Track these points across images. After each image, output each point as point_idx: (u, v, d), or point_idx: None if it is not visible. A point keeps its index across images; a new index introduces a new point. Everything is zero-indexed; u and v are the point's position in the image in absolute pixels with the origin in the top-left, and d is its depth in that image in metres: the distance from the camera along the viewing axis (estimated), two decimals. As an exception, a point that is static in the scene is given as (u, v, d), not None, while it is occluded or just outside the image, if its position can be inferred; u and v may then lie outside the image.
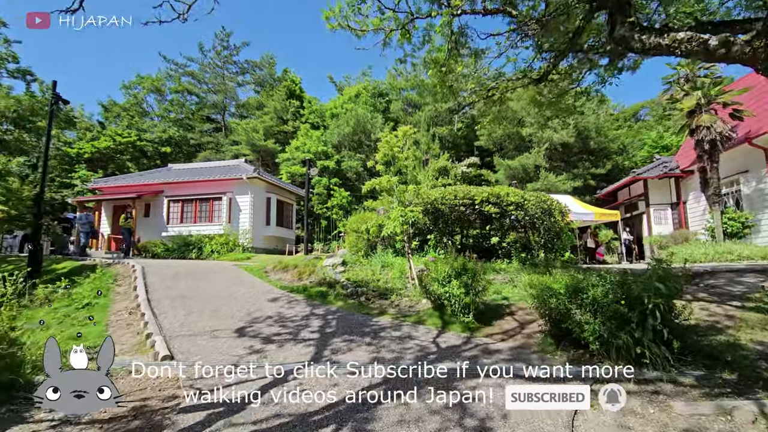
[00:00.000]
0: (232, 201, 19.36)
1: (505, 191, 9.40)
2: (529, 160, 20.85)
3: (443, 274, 5.98)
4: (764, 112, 12.74)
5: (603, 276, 4.63)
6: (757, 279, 6.85)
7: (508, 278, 8.18)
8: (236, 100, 34.87)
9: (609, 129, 23.53)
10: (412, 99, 27.43)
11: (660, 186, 17.87)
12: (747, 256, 11.10)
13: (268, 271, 10.23)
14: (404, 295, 7.48)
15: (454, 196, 9.45)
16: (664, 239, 16.61)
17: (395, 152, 8.09)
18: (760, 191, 13.17)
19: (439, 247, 9.88)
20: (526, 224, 9.31)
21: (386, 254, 10.04)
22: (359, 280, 8.30)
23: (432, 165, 17.17)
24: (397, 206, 7.95)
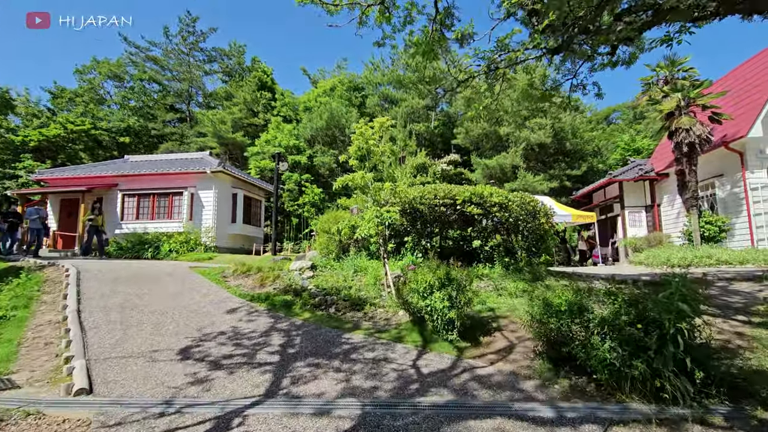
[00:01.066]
0: (194, 196, 18.01)
1: (488, 191, 8.77)
2: (507, 159, 20.53)
3: (424, 284, 5.23)
4: (741, 116, 12.73)
5: (612, 292, 3.99)
6: (752, 288, 6.49)
7: (492, 285, 7.55)
8: (203, 90, 33.00)
9: (584, 131, 23.58)
10: (389, 94, 26.66)
11: (635, 188, 17.88)
12: (725, 261, 10.98)
13: (228, 276, 9.20)
14: (379, 305, 6.70)
15: (434, 195, 8.74)
16: (639, 241, 16.59)
17: (370, 146, 7.28)
18: (735, 195, 13.20)
19: (417, 250, 9.16)
20: (510, 226, 8.72)
21: (360, 257, 9.24)
22: (329, 288, 7.45)
23: (410, 162, 16.45)
24: (372, 206, 7.15)
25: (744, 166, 12.72)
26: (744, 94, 13.28)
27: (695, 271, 9.53)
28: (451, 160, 19.96)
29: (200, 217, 17.87)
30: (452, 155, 20.43)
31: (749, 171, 12.65)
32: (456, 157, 20.43)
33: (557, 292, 4.40)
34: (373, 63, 27.75)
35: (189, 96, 32.37)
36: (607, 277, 8.10)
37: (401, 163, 15.36)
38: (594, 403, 3.53)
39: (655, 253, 13.31)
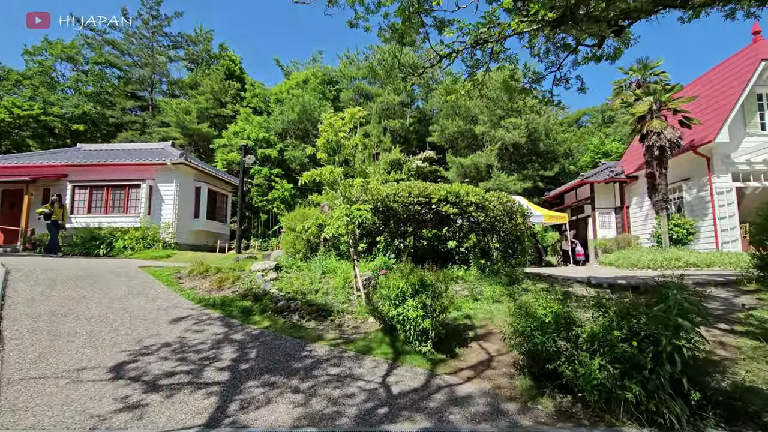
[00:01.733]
0: (153, 189, 16.86)
1: (465, 190, 8.40)
2: (482, 158, 20.40)
3: (396, 291, 4.75)
4: (708, 121, 12.97)
5: (602, 304, 3.62)
6: (728, 294, 6.40)
7: (468, 289, 7.17)
8: (167, 77, 31.21)
9: (556, 132, 23.81)
10: (364, 89, 26.05)
11: (605, 190, 18.12)
12: (693, 263, 11.11)
13: (183, 277, 8.41)
14: (347, 311, 6.17)
15: (408, 193, 8.28)
16: (609, 243, 16.81)
17: (340, 138, 6.72)
18: (701, 199, 13.46)
19: (389, 250, 8.69)
20: (486, 227, 8.39)
21: (329, 257, 8.68)
22: (294, 292, 6.86)
23: (383, 158, 15.90)
24: (341, 203, 6.60)
25: (711, 170, 12.97)
26: (712, 100, 13.56)
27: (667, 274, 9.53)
28: (426, 156, 19.55)
29: (159, 211, 16.76)
30: (427, 152, 20.01)
31: (715, 175, 12.92)
32: (431, 154, 20.02)
33: (541, 301, 4.01)
34: (348, 56, 27.05)
35: (152, 83, 30.53)
36: (584, 280, 7.90)
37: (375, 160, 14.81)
38: (583, 428, 3.15)
39: (625, 255, 13.41)
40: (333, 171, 6.50)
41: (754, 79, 12.55)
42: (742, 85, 12.58)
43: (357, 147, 7.24)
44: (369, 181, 6.76)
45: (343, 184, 6.75)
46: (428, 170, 19.44)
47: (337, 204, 6.77)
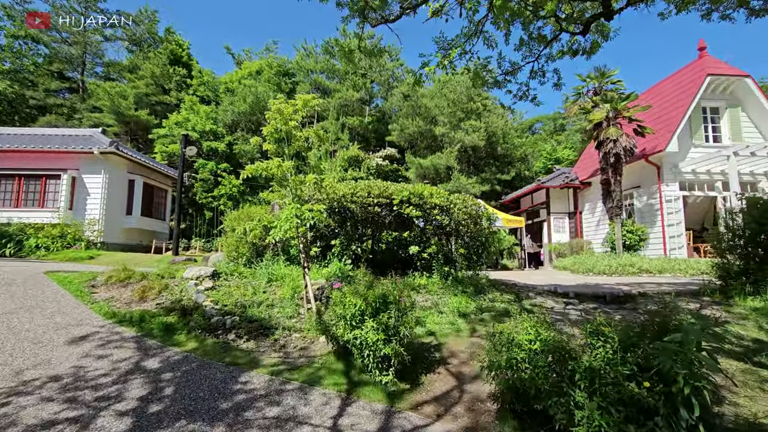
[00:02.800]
0: (76, 181, 14.86)
1: (429, 191, 7.78)
2: (441, 160, 20.10)
3: (353, 309, 3.95)
4: (659, 131, 13.34)
5: (600, 332, 3.04)
6: (694, 305, 6.21)
7: (431, 300, 6.52)
8: (101, 58, 28.19)
9: (513, 137, 24.11)
10: (322, 83, 24.95)
11: (560, 195, 18.40)
12: (646, 270, 11.27)
13: (98, 285, 7.09)
14: (295, 328, 5.28)
15: (367, 192, 7.52)
16: (563, 247, 17.03)
17: (291, 127, 5.82)
18: (651, 206, 13.85)
19: (345, 255, 7.88)
20: (451, 231, 7.81)
21: (277, 262, 7.72)
22: (232, 304, 5.86)
23: (341, 154, 14.96)
24: (291, 202, 5.70)
25: (660, 178, 13.35)
26: (662, 110, 14.02)
27: (625, 281, 9.50)
28: (386, 154, 18.81)
29: (84, 206, 14.79)
30: (388, 149, 19.31)
31: (665, 184, 13.31)
32: (392, 152, 19.34)
33: (525, 324, 3.39)
34: (305, 48, 25.81)
35: (83, 63, 27.43)
36: (549, 289, 7.53)
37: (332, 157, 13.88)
38: (583, 490, 2.53)
39: (580, 260, 13.49)
40: (281, 165, 5.58)
41: (701, 93, 13.07)
42: (690, 97, 13.06)
43: (310, 139, 6.37)
44: (324, 178, 5.91)
45: (294, 181, 5.86)
46: (389, 169, 18.72)
47: (286, 203, 5.86)
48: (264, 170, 5.57)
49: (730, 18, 5.58)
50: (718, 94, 13.80)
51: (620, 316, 5.85)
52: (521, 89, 5.73)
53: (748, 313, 5.56)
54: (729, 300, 6.19)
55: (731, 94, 13.82)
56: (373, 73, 23.80)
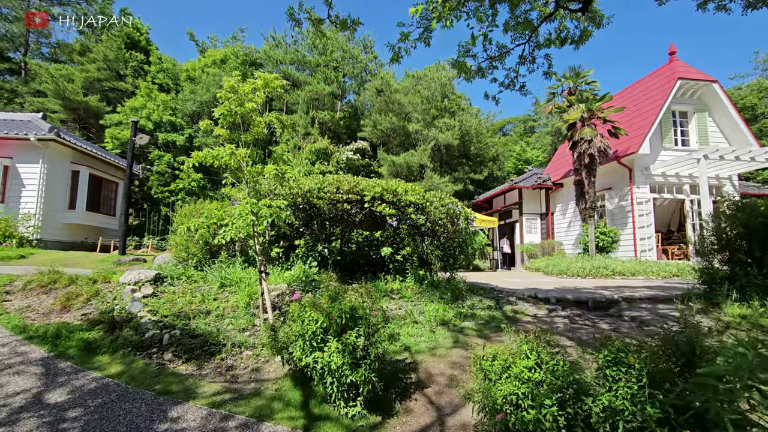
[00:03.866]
0: (9, 170, 13.28)
1: (403, 187, 7.14)
2: (415, 158, 19.59)
3: (313, 327, 3.24)
4: (631, 133, 13.34)
5: (620, 360, 2.49)
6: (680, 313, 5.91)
7: (405, 307, 5.90)
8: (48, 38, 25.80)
9: (486, 137, 23.96)
10: (291, 75, 23.84)
11: (533, 196, 18.30)
12: (619, 272, 11.14)
13: (14, 291, 6.01)
14: (247, 344, 4.51)
15: (336, 188, 6.80)
16: (534, 248, 16.91)
17: (248, 109, 5.03)
18: (622, 208, 13.85)
19: (311, 257, 7.14)
20: (426, 231, 7.22)
21: (233, 264, 6.87)
22: (173, 314, 5.01)
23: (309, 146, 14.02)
24: (247, 196, 4.92)
25: (632, 181, 13.35)
26: (634, 113, 14.06)
27: (601, 284, 9.26)
28: (358, 148, 17.92)
29: (18, 199, 13.24)
30: (360, 143, 18.42)
31: (636, 186, 13.32)
32: (364, 145, 18.46)
33: (524, 347, 2.80)
34: (274, 38, 24.58)
35: (26, 43, 24.99)
36: (529, 293, 7.09)
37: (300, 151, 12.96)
38: None
39: (554, 262, 13.30)
40: (234, 153, 4.78)
41: (671, 96, 13.15)
42: (662, 100, 13.12)
43: (275, 124, 5.60)
44: (286, 170, 5.14)
45: (250, 172, 5.07)
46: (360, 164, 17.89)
47: (241, 198, 5.07)
48: (214, 158, 4.75)
49: (726, 9, 5.27)
50: (687, 98, 13.99)
51: (607, 325, 5.45)
52: (509, 76, 5.18)
53: (738, 322, 5.27)
54: (714, 307, 5.92)
55: (699, 98, 14.04)
56: (346, 66, 22.95)
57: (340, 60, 22.38)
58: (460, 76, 5.20)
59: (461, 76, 5.20)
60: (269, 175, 4.99)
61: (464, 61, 5.13)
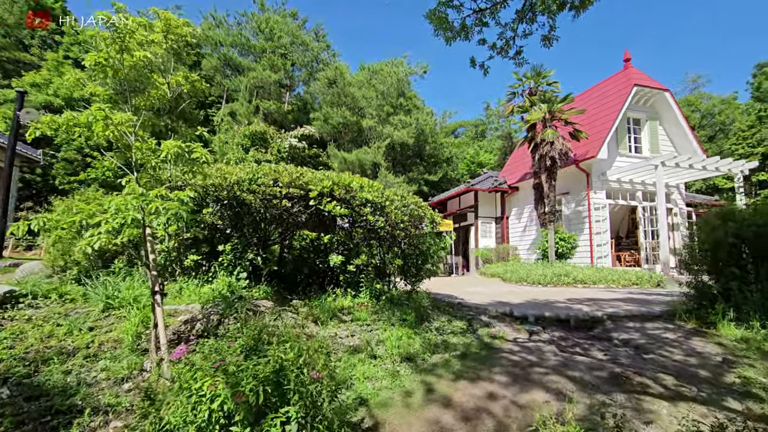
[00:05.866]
0: None
1: (359, 182, 5.86)
2: (368, 155, 18.36)
3: (205, 412, 1.85)
4: (590, 137, 13.08)
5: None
6: (673, 334, 5.19)
7: (359, 334, 4.60)
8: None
9: (440, 136, 23.35)
10: (233, 59, 21.60)
11: (488, 199, 17.81)
12: (581, 280, 10.66)
13: None
14: (119, 410, 2.97)
15: (273, 180, 5.36)
16: (490, 253, 16.35)
17: (139, 59, 3.50)
18: (579, 213, 13.58)
19: (240, 265, 5.62)
20: (386, 236, 5.98)
21: (130, 278, 5.20)
22: (13, 358, 3.34)
23: (242, 129, 12.09)
24: (133, 185, 3.38)
25: (589, 186, 13.09)
26: (592, 117, 13.87)
27: (569, 295, 8.60)
28: (304, 134, 15.97)
29: None
30: (307, 128, 16.54)
31: (593, 191, 13.07)
32: (312, 131, 16.59)
33: None
34: (215, 17, 22.17)
35: None
36: (504, 311, 6.09)
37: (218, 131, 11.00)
38: None
39: (512, 269, 12.68)
40: (110, 117, 3.24)
41: (628, 103, 13.06)
42: (619, 106, 12.99)
43: (182, 87, 4.11)
44: (195, 148, 3.64)
45: (140, 149, 3.53)
46: (307, 154, 16.06)
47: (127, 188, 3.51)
48: (73, 125, 3.17)
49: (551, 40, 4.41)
50: (641, 105, 14.07)
51: (602, 353, 4.53)
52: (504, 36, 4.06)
53: (743, 347, 4.58)
54: (709, 327, 5.25)
55: (652, 106, 14.17)
56: (295, 53, 21.16)
57: (288, 46, 20.58)
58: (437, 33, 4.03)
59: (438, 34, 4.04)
60: (170, 153, 3.47)
61: (444, 13, 3.92)
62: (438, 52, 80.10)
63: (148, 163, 3.81)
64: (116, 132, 3.41)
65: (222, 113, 18.23)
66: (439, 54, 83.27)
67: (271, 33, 21.33)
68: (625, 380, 3.70)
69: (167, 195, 3.29)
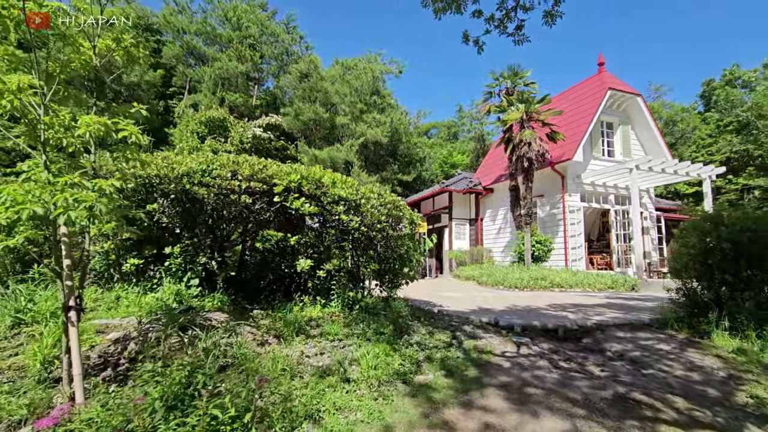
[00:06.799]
0: None
1: (330, 177, 5.23)
2: (341, 153, 17.67)
3: None
4: (567, 138, 12.98)
5: None
6: (666, 345, 4.87)
7: (329, 352, 3.97)
8: None
9: (414, 137, 22.98)
10: (197, 48, 20.32)
11: (463, 200, 17.53)
12: (558, 284, 10.44)
13: None
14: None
15: (231, 173, 4.64)
16: (464, 255, 16.05)
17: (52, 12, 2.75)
18: (553, 216, 13.46)
19: (192, 270, 4.86)
20: (361, 237, 5.37)
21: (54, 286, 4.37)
22: None
23: (198, 115, 11.02)
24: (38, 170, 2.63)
25: (564, 188, 12.98)
26: (571, 118, 13.80)
27: (547, 299, 8.29)
28: (270, 123, 14.83)
29: None
30: (273, 117, 15.45)
31: (568, 194, 12.97)
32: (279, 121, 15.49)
33: None
34: (177, 2, 20.79)
35: None
36: (488, 320, 5.62)
37: None
38: None
39: (488, 272, 12.37)
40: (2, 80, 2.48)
41: (602, 106, 13.07)
42: (594, 109, 12.97)
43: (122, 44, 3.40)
44: (124, 126, 2.90)
45: (51, 125, 2.78)
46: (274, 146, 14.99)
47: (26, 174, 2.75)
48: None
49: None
50: (614, 109, 14.16)
51: (598, 368, 4.11)
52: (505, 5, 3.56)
53: (743, 360, 4.29)
54: (702, 337, 4.97)
55: (624, 111, 14.30)
56: (264, 45, 20.16)
57: (257, 37, 19.56)
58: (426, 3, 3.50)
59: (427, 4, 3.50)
60: (90, 133, 2.72)
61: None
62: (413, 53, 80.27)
63: (68, 146, 3.04)
64: (16, 102, 2.63)
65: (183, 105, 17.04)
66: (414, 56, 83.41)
67: (238, 22, 20.23)
68: (633, 404, 3.27)
69: (82, 183, 2.55)
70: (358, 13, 72.76)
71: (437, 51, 77.72)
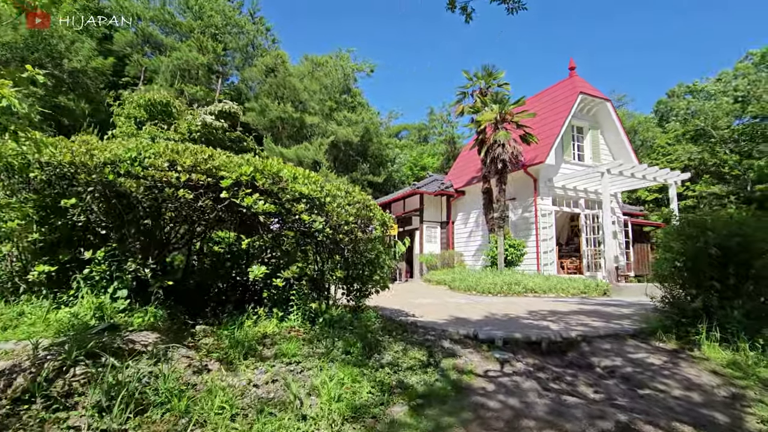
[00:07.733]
0: None
1: (290, 172, 4.54)
2: (309, 152, 16.87)
3: None
4: (540, 141, 12.84)
5: None
6: (656, 358, 4.52)
7: (285, 380, 3.29)
8: None
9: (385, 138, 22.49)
10: (154, 36, 18.91)
11: (434, 203, 17.17)
12: (531, 289, 10.17)
13: None
14: None
15: (168, 162, 3.87)
16: (435, 259, 15.65)
17: None
18: (525, 219, 13.29)
19: (118, 280, 4.03)
20: (326, 240, 4.71)
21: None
22: None
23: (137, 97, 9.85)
24: None
25: (537, 191, 12.83)
26: (543, 121, 13.70)
27: (525, 306, 7.93)
28: (223, 110, 13.50)
29: None
30: (227, 103, 14.22)
31: (540, 197, 12.83)
32: (234, 108, 14.27)
33: None
34: (133, -15, 19.29)
35: None
36: (467, 333, 5.10)
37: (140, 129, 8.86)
38: None
39: (460, 276, 11.99)
40: None
41: (574, 110, 13.04)
42: (565, 112, 12.92)
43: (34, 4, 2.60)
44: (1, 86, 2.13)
45: None
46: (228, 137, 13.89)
47: None
48: None
49: None
50: (584, 114, 14.22)
51: (590, 388, 3.65)
52: None
53: (739, 375, 3.98)
54: (692, 348, 4.66)
55: (594, 116, 14.39)
56: (229, 34, 19.02)
57: (221, 27, 18.44)
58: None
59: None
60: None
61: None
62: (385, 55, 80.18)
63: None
64: None
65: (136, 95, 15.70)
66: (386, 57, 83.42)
67: (200, 11, 19.03)
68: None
69: None
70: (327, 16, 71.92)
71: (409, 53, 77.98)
